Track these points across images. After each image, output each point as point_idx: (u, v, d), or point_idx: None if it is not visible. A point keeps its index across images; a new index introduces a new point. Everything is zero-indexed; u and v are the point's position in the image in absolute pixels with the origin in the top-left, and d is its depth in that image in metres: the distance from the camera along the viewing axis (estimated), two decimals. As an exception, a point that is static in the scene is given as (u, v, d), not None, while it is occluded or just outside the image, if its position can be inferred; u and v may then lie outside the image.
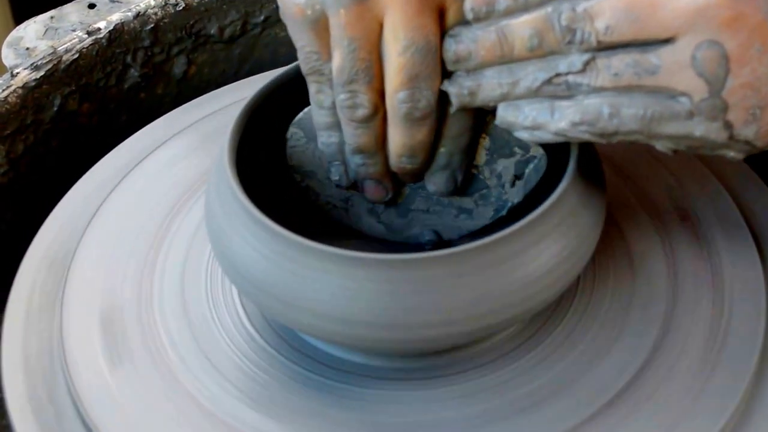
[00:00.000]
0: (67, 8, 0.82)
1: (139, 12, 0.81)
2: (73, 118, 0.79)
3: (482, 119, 0.58)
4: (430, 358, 0.58)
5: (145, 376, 0.58)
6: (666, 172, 0.68)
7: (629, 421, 0.54)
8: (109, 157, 0.74)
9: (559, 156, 0.57)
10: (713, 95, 0.48)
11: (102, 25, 0.79)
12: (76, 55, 0.78)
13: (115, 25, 0.80)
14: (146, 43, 0.81)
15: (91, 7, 0.82)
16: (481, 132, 0.59)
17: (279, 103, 0.61)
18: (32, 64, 0.76)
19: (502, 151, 0.59)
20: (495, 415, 0.55)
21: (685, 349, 0.58)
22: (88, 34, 0.79)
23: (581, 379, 0.56)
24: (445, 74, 0.54)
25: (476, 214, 0.61)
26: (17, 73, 0.75)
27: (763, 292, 0.61)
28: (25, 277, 0.66)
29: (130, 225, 0.68)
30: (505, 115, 0.53)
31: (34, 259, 0.67)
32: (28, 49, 0.78)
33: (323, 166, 0.61)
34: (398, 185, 0.60)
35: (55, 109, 0.77)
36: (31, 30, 0.80)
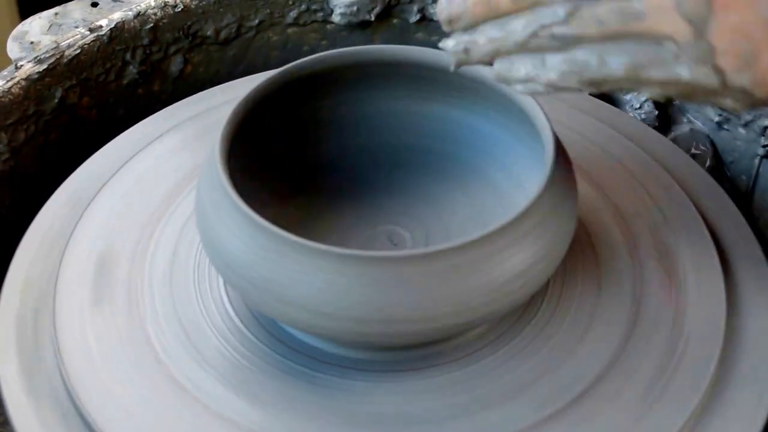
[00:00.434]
0: (71, 5, 0.83)
1: (140, 12, 0.81)
2: (72, 110, 0.79)
3: None
4: (400, 352, 0.58)
5: (135, 361, 0.59)
6: (637, 184, 0.69)
7: (589, 421, 0.55)
8: (106, 148, 0.75)
9: (533, 164, 0.58)
10: (698, 37, 0.47)
11: (103, 22, 0.80)
12: (78, 51, 0.78)
13: (116, 24, 0.80)
14: (145, 41, 0.82)
15: (94, 5, 0.82)
16: None
17: (271, 103, 0.63)
18: (36, 57, 0.77)
19: None
20: (460, 411, 0.56)
21: (648, 350, 0.59)
22: (90, 31, 0.79)
23: (545, 379, 0.57)
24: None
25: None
26: (21, 66, 0.76)
27: (723, 294, 0.62)
28: (18, 264, 0.67)
29: (125, 212, 0.68)
30: (499, 69, 0.53)
31: (33, 242, 0.68)
32: (32, 43, 0.79)
33: None
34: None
35: (56, 101, 0.78)
36: (36, 25, 0.80)
